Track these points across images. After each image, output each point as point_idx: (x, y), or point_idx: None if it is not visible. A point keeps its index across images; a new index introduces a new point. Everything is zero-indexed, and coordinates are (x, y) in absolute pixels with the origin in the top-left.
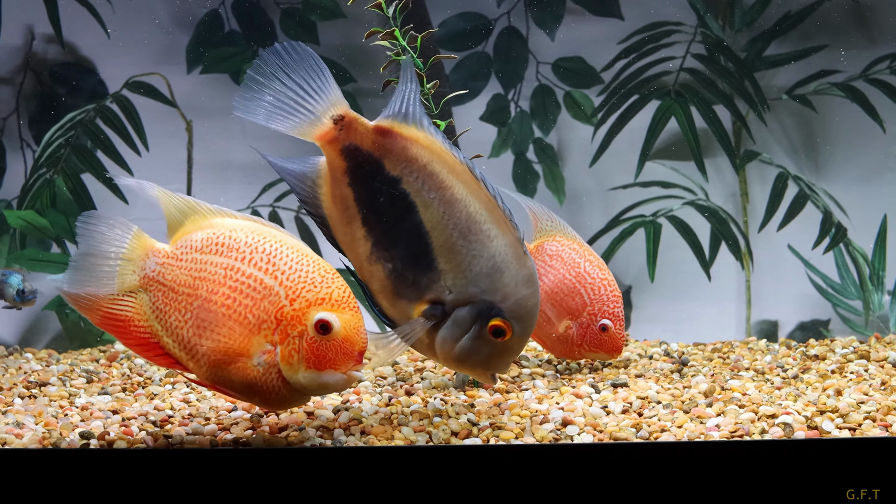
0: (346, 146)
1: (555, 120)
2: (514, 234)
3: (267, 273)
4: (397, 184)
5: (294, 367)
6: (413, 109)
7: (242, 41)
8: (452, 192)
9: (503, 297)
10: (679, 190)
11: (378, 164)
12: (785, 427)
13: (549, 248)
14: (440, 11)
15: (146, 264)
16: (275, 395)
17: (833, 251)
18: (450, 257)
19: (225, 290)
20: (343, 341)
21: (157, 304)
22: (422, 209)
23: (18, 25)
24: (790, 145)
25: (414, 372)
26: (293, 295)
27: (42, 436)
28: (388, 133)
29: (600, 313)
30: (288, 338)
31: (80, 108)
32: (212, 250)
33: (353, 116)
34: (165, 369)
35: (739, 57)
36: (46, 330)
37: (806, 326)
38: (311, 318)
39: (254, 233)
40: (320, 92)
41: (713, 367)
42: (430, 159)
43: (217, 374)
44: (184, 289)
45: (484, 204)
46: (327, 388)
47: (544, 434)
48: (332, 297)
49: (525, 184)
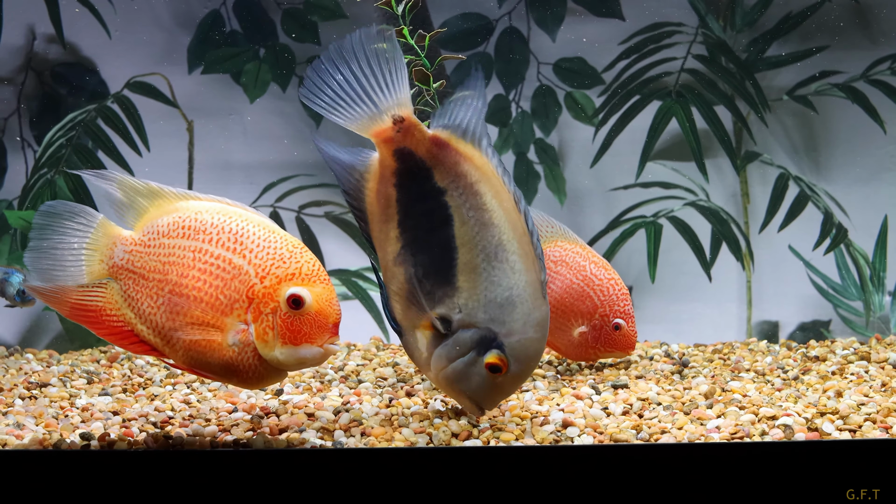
0: (401, 148)
1: (556, 120)
2: (538, 274)
3: (235, 252)
4: (441, 195)
5: (270, 344)
6: (475, 127)
7: (243, 41)
8: (491, 216)
9: (509, 331)
10: (680, 191)
11: (428, 173)
12: (785, 429)
13: (553, 253)
14: (441, 12)
15: (114, 252)
16: (252, 373)
17: (834, 252)
18: (470, 277)
19: (194, 272)
20: (317, 314)
21: (127, 292)
22: (457, 224)
23: (20, 25)
24: (791, 146)
25: (414, 373)
26: (263, 272)
27: (42, 437)
28: (444, 145)
29: (612, 313)
30: (261, 315)
31: (82, 109)
32: (179, 234)
33: (413, 121)
34: (166, 370)
35: (740, 58)
36: (47, 330)
37: (807, 327)
38: (282, 294)
39: (220, 213)
40: (390, 88)
41: (714, 368)
42: (478, 178)
43: (193, 357)
44: (154, 275)
45: (518, 236)
46: (304, 363)
47: (545, 435)
48: (303, 272)
49: (526, 184)
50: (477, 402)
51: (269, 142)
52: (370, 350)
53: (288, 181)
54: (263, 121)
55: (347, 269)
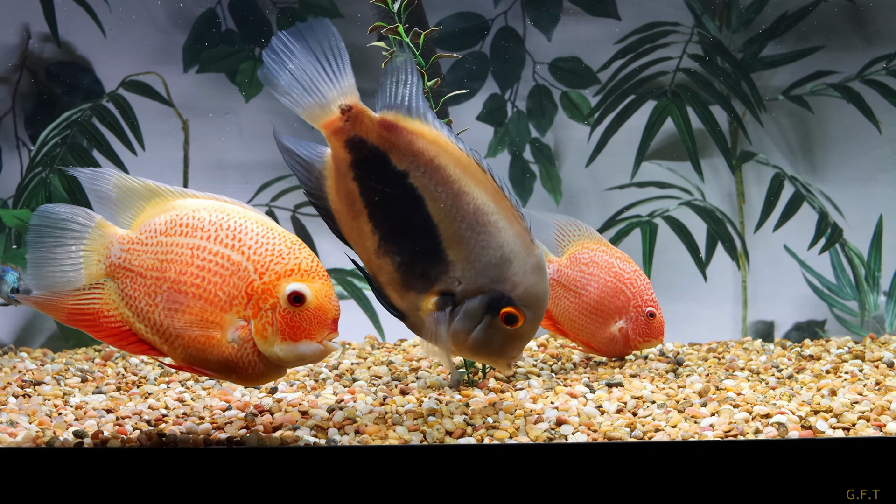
0: (351, 138)
1: (551, 120)
2: (521, 223)
3: (234, 249)
4: (404, 178)
5: (269, 340)
6: (417, 103)
7: (239, 41)
8: (460, 185)
9: (513, 286)
10: (675, 190)
11: (384, 158)
12: (779, 427)
13: (583, 256)
14: (437, 11)
15: (111, 252)
16: (251, 370)
17: (829, 252)
18: (458, 249)
19: (193, 269)
20: (316, 310)
21: (125, 291)
22: (429, 202)
23: (14, 24)
24: (786, 146)
25: (409, 371)
26: (262, 269)
27: (36, 434)
28: (393, 127)
29: (643, 303)
30: (260, 311)
31: (77, 107)
32: (176, 231)
33: (360, 108)
34: (160, 368)
35: (736, 57)
36: (41, 329)
37: (802, 327)
38: (282, 290)
39: (217, 211)
40: (335, 77)
41: (708, 366)
42: (436, 153)
43: (192, 354)
44: (151, 273)
45: (491, 195)
46: (304, 359)
47: (539, 433)
48: (301, 268)
49: (522, 184)
50: (506, 358)
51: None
52: (365, 349)
53: (283, 180)
54: (259, 120)
55: (343, 269)
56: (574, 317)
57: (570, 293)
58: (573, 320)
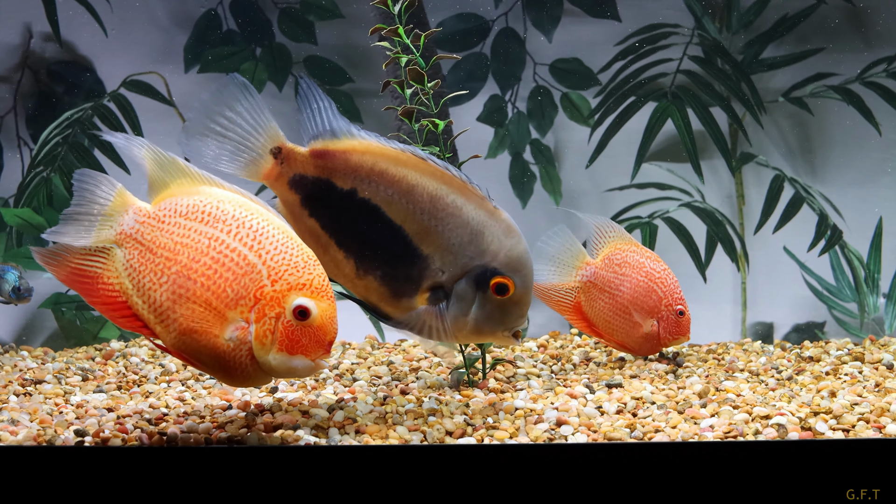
0: (292, 178)
1: (552, 121)
2: (477, 194)
3: (251, 250)
4: (354, 195)
5: (266, 347)
6: (338, 124)
7: (240, 40)
8: (407, 181)
9: (493, 255)
10: (675, 192)
11: (328, 185)
12: (779, 428)
13: (615, 257)
14: (438, 12)
15: (125, 220)
16: (241, 371)
17: (828, 254)
18: (430, 240)
19: (207, 260)
20: (317, 329)
21: (131, 263)
22: (386, 208)
23: (16, 23)
24: (786, 148)
25: (409, 371)
26: (275, 276)
27: (37, 433)
28: (324, 154)
29: (674, 301)
30: (264, 318)
31: (78, 107)
32: (198, 218)
33: (289, 146)
34: (161, 368)
35: (736, 59)
36: (42, 328)
37: (801, 328)
38: (290, 302)
39: (242, 207)
40: (257, 127)
41: (708, 368)
42: (373, 161)
43: (186, 342)
44: (163, 251)
45: (439, 179)
46: (294, 373)
47: (538, 434)
48: (313, 284)
49: (522, 185)
50: (510, 328)
51: None
52: (365, 349)
53: None
54: None
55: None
56: (609, 317)
57: (605, 294)
58: (608, 321)
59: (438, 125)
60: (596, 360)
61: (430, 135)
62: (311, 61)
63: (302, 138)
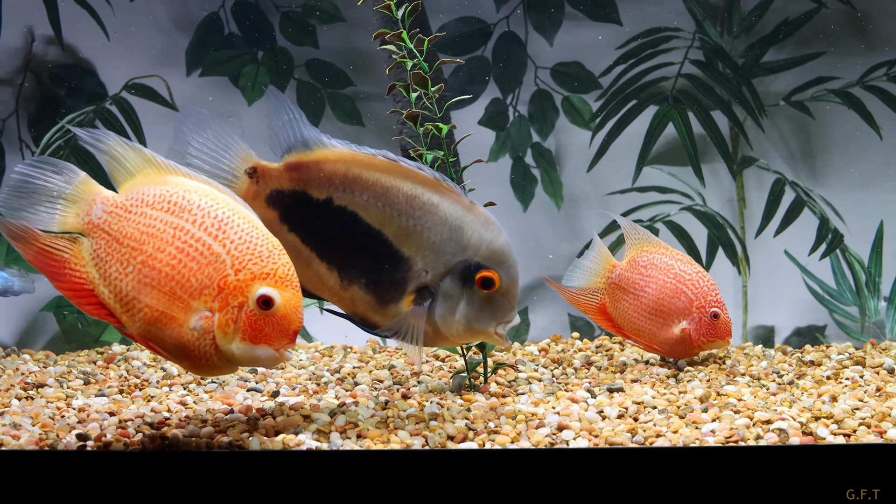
0: (269, 195)
1: (553, 125)
2: (452, 191)
3: (216, 239)
4: (331, 204)
5: (229, 336)
6: (309, 134)
7: (242, 44)
8: (381, 184)
9: (474, 250)
10: (676, 195)
11: (305, 197)
12: (780, 433)
13: (641, 259)
14: (440, 16)
15: (92, 210)
16: (205, 360)
17: (829, 257)
18: (410, 241)
19: (172, 249)
20: (281, 318)
21: (98, 252)
22: (363, 213)
23: (19, 27)
24: (787, 151)
25: (410, 375)
26: (239, 265)
27: (39, 437)
28: (298, 166)
29: (707, 304)
30: (227, 307)
31: (80, 110)
32: (164, 208)
33: (261, 164)
34: (162, 371)
35: (737, 63)
36: (44, 331)
37: (802, 332)
38: (253, 292)
39: (208, 197)
40: (227, 150)
41: (709, 372)
42: (346, 167)
43: (150, 331)
44: (129, 241)
45: (413, 179)
46: (257, 362)
47: (540, 438)
48: (278, 274)
49: (523, 188)
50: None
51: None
52: (366, 353)
53: None
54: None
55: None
56: (633, 318)
57: (629, 295)
58: (632, 321)
59: (442, 129)
60: (597, 364)
61: (434, 139)
62: (313, 65)
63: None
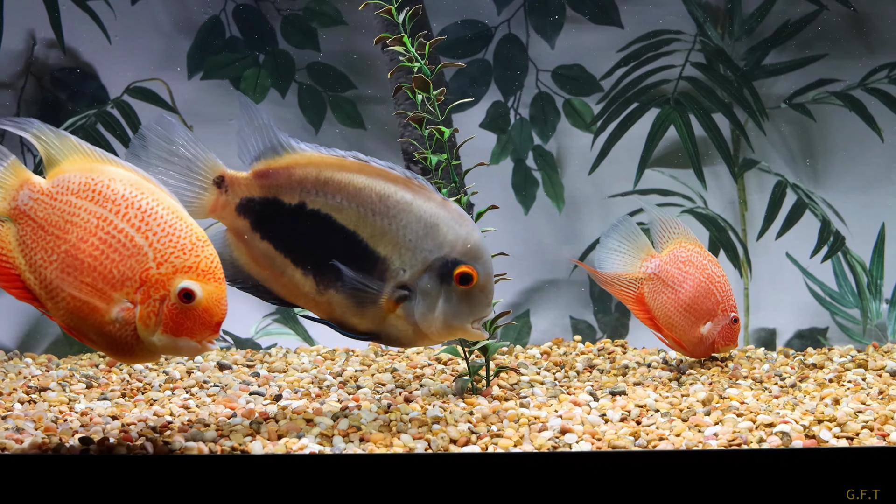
0: (239, 203)
1: (554, 127)
2: (423, 188)
3: (139, 231)
4: (303, 208)
5: (150, 328)
6: (277, 139)
7: (243, 47)
8: (353, 184)
9: (451, 246)
10: (678, 198)
11: (276, 203)
12: (782, 436)
13: (680, 254)
14: (441, 19)
15: (19, 195)
16: (126, 350)
17: (831, 260)
18: (385, 241)
19: (94, 240)
20: (203, 311)
21: (23, 238)
22: (337, 215)
23: (20, 30)
24: (789, 154)
25: (413, 379)
26: (161, 258)
27: (42, 441)
28: (267, 173)
29: (729, 308)
30: (149, 300)
31: (81, 114)
32: (88, 196)
33: (229, 173)
34: (165, 375)
35: (738, 66)
36: (46, 335)
37: (804, 335)
38: (175, 285)
39: (133, 186)
40: (194, 161)
41: (711, 375)
42: (316, 171)
43: (73, 319)
44: (54, 230)
45: (384, 178)
46: (179, 353)
47: (543, 442)
48: (200, 267)
49: (524, 191)
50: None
51: None
52: (368, 356)
53: None
54: None
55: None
56: (671, 312)
57: (669, 289)
58: (669, 316)
59: (445, 132)
60: (599, 367)
61: (437, 142)
62: (314, 68)
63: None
